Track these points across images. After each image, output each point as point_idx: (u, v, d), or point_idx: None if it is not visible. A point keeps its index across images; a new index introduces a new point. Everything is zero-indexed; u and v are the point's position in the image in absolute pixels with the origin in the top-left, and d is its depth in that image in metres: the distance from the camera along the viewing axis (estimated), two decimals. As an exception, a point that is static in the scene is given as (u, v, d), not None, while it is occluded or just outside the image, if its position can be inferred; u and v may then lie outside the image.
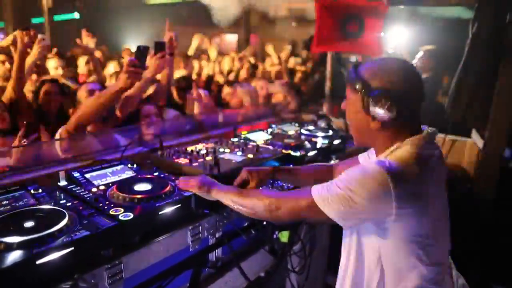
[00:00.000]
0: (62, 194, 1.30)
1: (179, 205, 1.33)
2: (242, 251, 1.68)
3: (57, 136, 2.03)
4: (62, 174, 1.44)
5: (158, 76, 2.82)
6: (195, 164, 1.64)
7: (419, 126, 1.19)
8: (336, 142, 2.43)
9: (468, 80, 2.54)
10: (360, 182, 1.05)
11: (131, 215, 1.19)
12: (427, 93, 1.20)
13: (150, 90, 2.95)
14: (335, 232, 2.52)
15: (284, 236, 1.74)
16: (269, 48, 5.97)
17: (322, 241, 2.41)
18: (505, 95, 2.40)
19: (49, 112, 2.77)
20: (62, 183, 1.43)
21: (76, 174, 1.48)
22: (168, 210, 1.29)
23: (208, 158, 1.73)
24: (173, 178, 1.51)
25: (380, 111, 1.10)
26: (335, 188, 1.09)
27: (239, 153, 1.84)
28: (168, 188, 1.38)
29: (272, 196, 1.21)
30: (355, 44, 2.83)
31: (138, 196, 1.30)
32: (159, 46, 2.19)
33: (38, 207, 1.21)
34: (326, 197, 1.09)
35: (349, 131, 1.28)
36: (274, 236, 1.78)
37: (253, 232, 1.67)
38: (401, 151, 1.12)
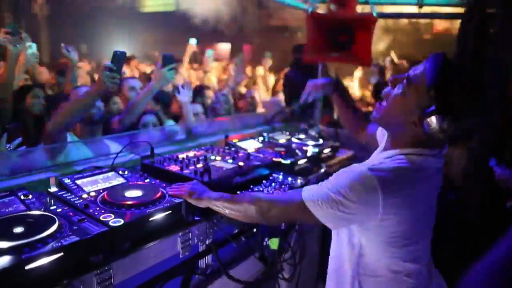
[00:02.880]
0: (52, 200, 1.30)
1: (170, 211, 1.34)
2: (231, 258, 1.69)
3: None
4: (52, 180, 1.44)
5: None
6: (186, 171, 1.66)
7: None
8: (326, 150, 2.46)
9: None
10: (351, 186, 1.07)
11: (121, 221, 1.19)
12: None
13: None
14: (325, 240, 2.55)
15: (274, 243, 1.76)
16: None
17: (312, 248, 2.43)
18: (490, 106, 2.47)
19: (30, 116, 2.76)
20: (53, 189, 1.43)
21: (67, 181, 1.48)
22: (159, 216, 1.30)
23: (199, 165, 1.74)
24: (164, 185, 1.52)
25: (431, 127, 1.04)
26: (326, 190, 1.10)
27: (230, 160, 1.86)
28: (158, 194, 1.39)
29: (263, 199, 1.23)
30: (345, 55, 2.90)
31: (129, 202, 1.31)
32: (167, 59, 2.22)
33: (27, 212, 1.21)
34: (317, 200, 1.11)
35: (381, 109, 1.19)
36: (264, 243, 1.80)
37: (243, 239, 1.69)
38: (406, 158, 1.11)
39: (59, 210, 1.25)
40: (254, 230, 1.73)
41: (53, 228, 1.09)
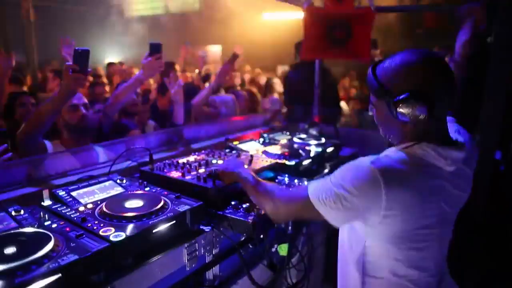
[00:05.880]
0: (46, 215, 1.20)
1: (174, 221, 1.25)
2: (238, 267, 1.60)
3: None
4: (46, 193, 1.34)
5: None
6: (188, 177, 1.57)
7: (445, 130, 1.12)
8: (329, 150, 2.39)
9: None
10: (353, 180, 1.04)
11: (123, 235, 1.10)
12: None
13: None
14: (331, 241, 2.47)
15: (283, 249, 1.68)
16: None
17: (318, 250, 2.35)
18: (494, 98, 2.42)
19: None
20: (46, 202, 1.33)
21: (61, 193, 1.38)
22: (162, 227, 1.21)
23: (201, 170, 1.66)
24: (166, 193, 1.43)
25: (408, 115, 1.02)
26: (330, 185, 1.08)
27: (233, 164, 1.77)
28: (161, 203, 1.30)
29: (276, 197, 1.26)
30: (343, 51, 2.83)
31: (130, 214, 1.21)
32: (155, 48, 2.13)
33: (19, 230, 1.11)
34: (321, 195, 1.09)
35: (380, 131, 1.21)
36: (273, 249, 1.71)
37: (250, 246, 1.60)
38: (407, 150, 1.07)
39: (54, 225, 1.16)
40: (261, 236, 1.65)
41: (49, 246, 0.99)
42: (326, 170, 2.24)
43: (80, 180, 1.64)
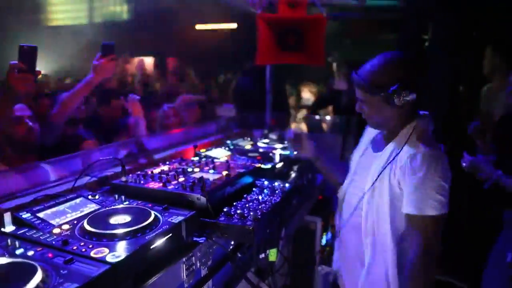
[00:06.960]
0: (16, 242, 1.00)
1: (170, 234, 1.13)
2: (229, 278, 1.51)
3: None
4: (7, 216, 1.12)
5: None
6: (170, 187, 1.44)
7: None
8: (295, 152, 2.40)
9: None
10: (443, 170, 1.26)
11: (121, 254, 0.96)
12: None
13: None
14: (297, 242, 2.47)
15: (272, 255, 1.62)
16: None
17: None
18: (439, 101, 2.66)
19: None
20: (9, 228, 1.11)
21: (26, 215, 1.17)
22: (160, 242, 1.09)
23: (181, 179, 1.54)
24: (150, 205, 1.29)
25: (403, 100, 1.28)
26: (432, 191, 1.25)
27: (211, 170, 1.68)
28: (152, 217, 1.17)
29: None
30: (296, 56, 2.90)
31: (121, 231, 1.07)
32: (107, 49, 1.93)
33: (-12, 263, 0.91)
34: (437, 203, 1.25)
35: (371, 124, 1.47)
36: (261, 256, 1.65)
37: (239, 255, 1.52)
38: (426, 131, 1.34)
39: (30, 253, 0.97)
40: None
41: (37, 278, 0.82)
42: (293, 174, 2.25)
43: (36, 201, 1.42)
